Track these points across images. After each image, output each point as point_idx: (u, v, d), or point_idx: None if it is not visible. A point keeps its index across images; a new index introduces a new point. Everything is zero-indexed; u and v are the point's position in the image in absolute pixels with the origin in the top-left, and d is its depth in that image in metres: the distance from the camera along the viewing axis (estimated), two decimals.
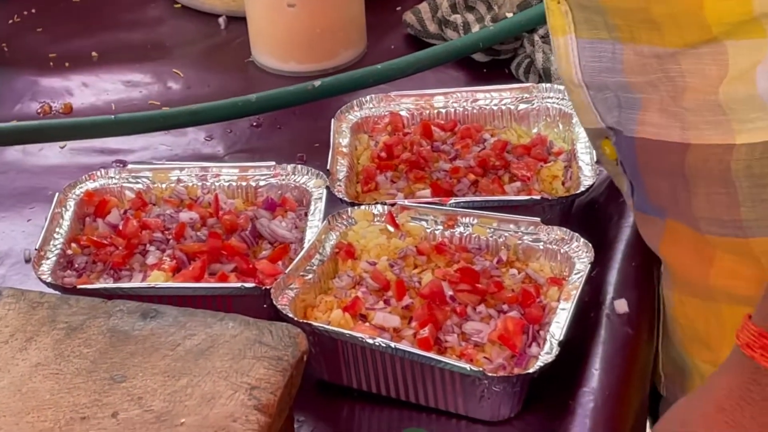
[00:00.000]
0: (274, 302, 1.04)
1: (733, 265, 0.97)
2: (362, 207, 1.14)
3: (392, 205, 1.14)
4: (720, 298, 0.99)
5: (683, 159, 0.95)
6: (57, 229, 1.15)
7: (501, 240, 1.11)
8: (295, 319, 1.02)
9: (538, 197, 1.15)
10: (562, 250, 1.09)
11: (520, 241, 1.10)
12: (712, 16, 0.90)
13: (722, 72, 0.91)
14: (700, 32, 0.91)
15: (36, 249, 1.12)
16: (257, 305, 1.06)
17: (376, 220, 1.14)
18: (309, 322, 1.02)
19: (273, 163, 1.22)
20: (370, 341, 1.00)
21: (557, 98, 1.26)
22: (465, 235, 1.12)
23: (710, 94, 0.92)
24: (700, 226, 0.97)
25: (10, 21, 1.62)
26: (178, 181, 1.21)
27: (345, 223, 1.13)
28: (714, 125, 0.93)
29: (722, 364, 0.91)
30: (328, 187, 1.18)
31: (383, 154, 1.23)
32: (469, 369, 0.97)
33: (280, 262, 1.12)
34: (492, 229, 1.12)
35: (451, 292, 1.06)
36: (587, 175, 1.16)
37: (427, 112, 1.28)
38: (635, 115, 0.97)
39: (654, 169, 0.99)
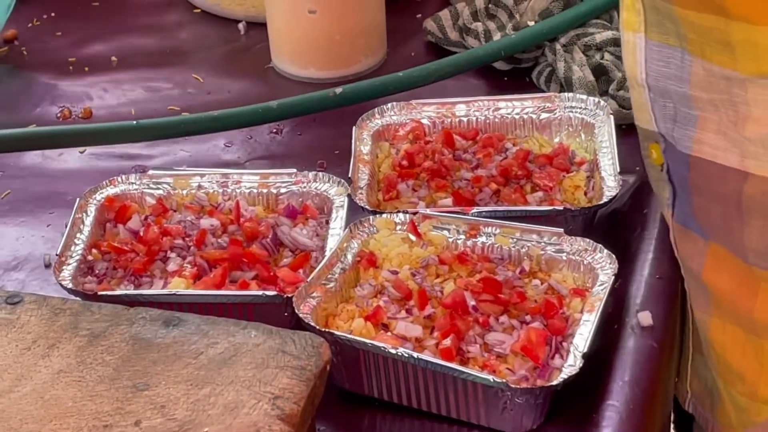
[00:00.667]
0: (296, 311, 1.03)
1: None
2: (384, 215, 1.14)
3: (414, 213, 1.14)
4: (763, 333, 0.96)
5: (741, 187, 0.94)
6: (78, 235, 1.15)
7: (524, 250, 1.10)
8: (317, 328, 1.01)
9: (561, 207, 1.14)
10: (585, 261, 1.08)
11: (543, 252, 1.10)
12: None
13: None
14: None
15: (57, 254, 1.12)
16: (278, 313, 1.06)
17: (398, 228, 1.13)
18: (331, 331, 1.02)
19: (294, 170, 1.21)
20: (393, 351, 1.00)
21: (579, 108, 1.26)
22: (487, 244, 1.11)
23: None
24: (747, 257, 0.95)
25: (30, 25, 1.62)
26: (199, 187, 1.21)
27: (366, 231, 1.13)
28: None
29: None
30: (349, 195, 1.17)
31: (405, 163, 1.22)
32: (492, 380, 0.97)
33: (301, 270, 1.12)
34: (515, 239, 1.11)
35: (473, 302, 1.05)
36: (610, 185, 1.15)
37: (449, 120, 1.28)
38: (692, 133, 0.96)
39: (707, 190, 0.97)
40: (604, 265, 1.07)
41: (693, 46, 0.93)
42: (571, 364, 0.98)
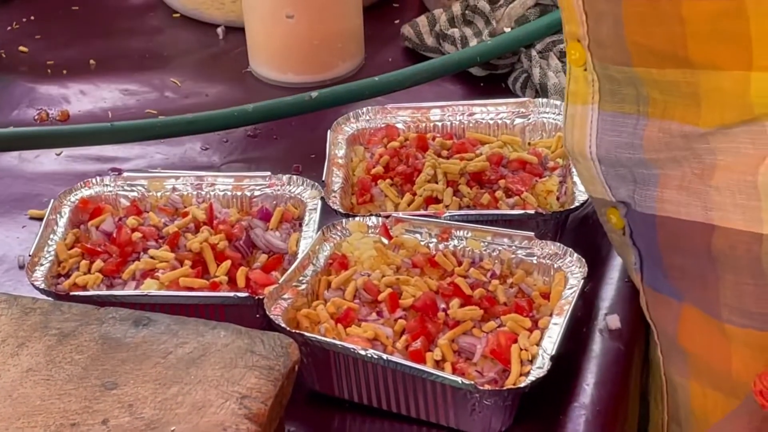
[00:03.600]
0: (267, 312, 1.04)
1: (753, 361, 0.92)
2: (357, 218, 1.14)
3: (387, 217, 1.14)
4: (743, 395, 0.92)
5: (709, 241, 0.91)
6: (51, 236, 1.15)
7: (495, 254, 1.11)
8: (288, 329, 1.02)
9: (533, 212, 1.15)
10: (555, 265, 1.09)
11: (513, 256, 1.10)
12: (758, 96, 0.87)
13: (762, 152, 0.88)
14: (741, 111, 0.88)
15: (30, 255, 1.12)
16: (250, 315, 1.06)
17: (370, 231, 1.14)
18: (301, 332, 1.02)
19: (268, 173, 1.22)
20: (363, 353, 1.00)
21: (553, 113, 1.27)
22: (459, 248, 1.12)
23: (747, 174, 0.89)
24: (721, 314, 0.93)
25: (9, 28, 1.63)
26: (173, 189, 1.21)
27: (339, 234, 1.13)
28: (742, 209, 0.89)
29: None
30: (323, 198, 1.18)
31: (379, 166, 1.23)
32: (460, 382, 0.97)
33: (274, 272, 1.12)
34: (486, 243, 1.12)
35: (443, 305, 1.06)
36: (582, 190, 1.15)
37: (424, 125, 1.28)
38: (653, 192, 0.95)
39: (677, 248, 0.95)
40: (573, 269, 1.07)
41: (654, 107, 0.92)
42: (539, 367, 0.98)
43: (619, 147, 0.95)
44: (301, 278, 1.08)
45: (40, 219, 1.24)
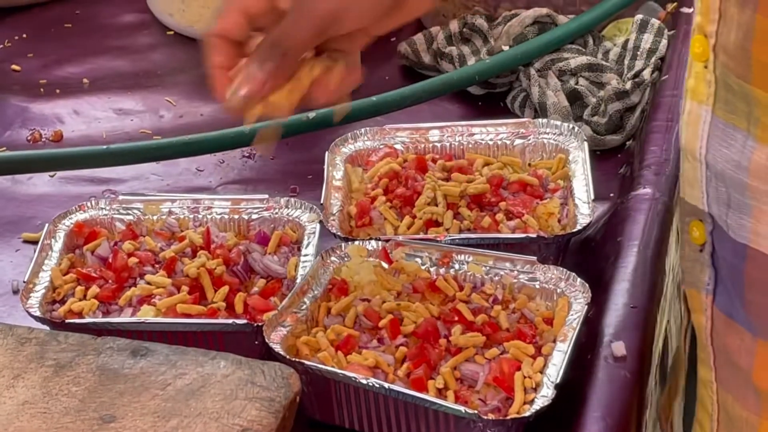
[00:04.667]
0: (266, 340, 1.02)
1: None
2: (356, 242, 1.13)
3: (386, 241, 1.13)
4: None
5: None
6: (46, 261, 1.14)
7: (496, 278, 1.10)
8: (287, 357, 1.00)
9: (534, 235, 1.13)
10: (558, 290, 1.07)
11: (515, 280, 1.09)
12: None
13: None
14: None
15: (24, 281, 1.11)
16: (248, 341, 1.05)
17: (370, 255, 1.12)
18: (301, 360, 1.01)
19: (266, 196, 1.20)
20: (364, 381, 0.98)
21: (554, 134, 1.25)
22: (460, 272, 1.11)
23: None
24: None
25: (1, 46, 1.61)
26: (170, 213, 1.20)
27: (338, 258, 1.12)
28: None
29: None
30: (321, 222, 1.16)
31: (378, 189, 1.21)
32: (464, 411, 0.96)
33: (272, 298, 1.11)
34: (487, 268, 1.10)
35: (445, 332, 1.04)
36: (584, 213, 1.14)
37: (423, 145, 1.27)
38: (747, 223, 0.89)
39: (765, 285, 0.90)
40: (577, 294, 1.06)
41: (765, 132, 0.86)
42: (543, 395, 0.97)
43: (728, 161, 0.90)
44: (300, 304, 1.07)
45: (34, 242, 1.23)
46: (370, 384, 0.98)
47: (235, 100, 0.95)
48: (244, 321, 1.06)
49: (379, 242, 1.12)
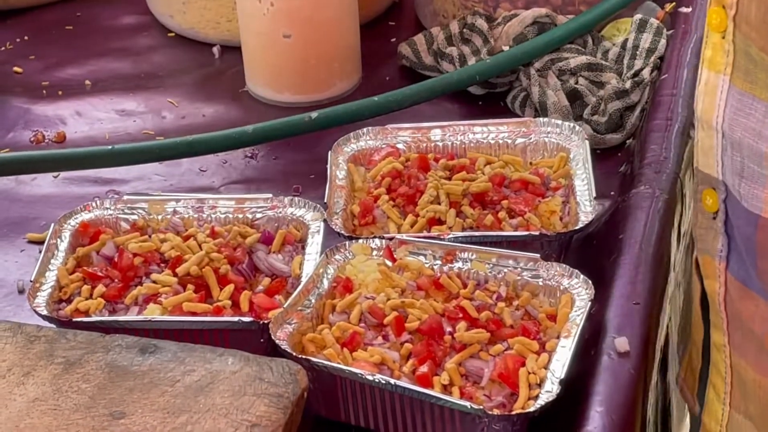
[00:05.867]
0: (273, 337, 1.03)
1: None
2: (360, 241, 1.14)
3: (390, 239, 1.13)
4: None
5: None
6: (52, 260, 1.14)
7: (500, 276, 1.10)
8: (294, 354, 1.01)
9: (537, 233, 1.14)
10: (561, 287, 1.08)
11: (519, 277, 1.10)
12: None
13: None
14: None
15: (31, 281, 1.11)
16: (255, 339, 1.06)
17: (374, 254, 1.13)
18: (307, 357, 1.02)
19: (270, 195, 1.21)
20: (370, 378, 0.99)
21: (555, 132, 1.26)
22: (464, 270, 1.11)
23: None
24: None
25: (3, 48, 1.62)
26: (174, 212, 1.21)
27: (343, 256, 1.13)
28: None
29: None
30: (325, 220, 1.17)
31: (381, 188, 1.22)
32: (469, 407, 0.97)
33: (277, 296, 1.11)
34: (491, 265, 1.11)
35: (450, 328, 1.05)
36: (585, 210, 1.15)
37: (425, 145, 1.28)
38: (761, 192, 0.90)
39: None
40: (580, 290, 1.07)
41: None
42: (548, 391, 0.98)
43: (746, 130, 0.90)
44: (305, 302, 1.08)
45: (39, 243, 1.24)
46: (377, 380, 0.99)
47: None
48: (250, 319, 1.06)
49: (383, 240, 1.13)
